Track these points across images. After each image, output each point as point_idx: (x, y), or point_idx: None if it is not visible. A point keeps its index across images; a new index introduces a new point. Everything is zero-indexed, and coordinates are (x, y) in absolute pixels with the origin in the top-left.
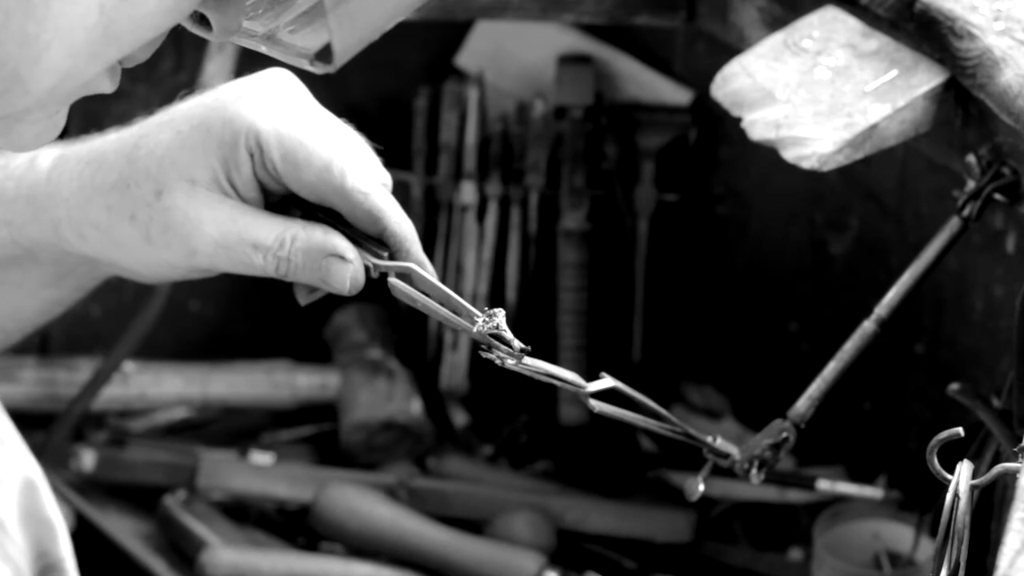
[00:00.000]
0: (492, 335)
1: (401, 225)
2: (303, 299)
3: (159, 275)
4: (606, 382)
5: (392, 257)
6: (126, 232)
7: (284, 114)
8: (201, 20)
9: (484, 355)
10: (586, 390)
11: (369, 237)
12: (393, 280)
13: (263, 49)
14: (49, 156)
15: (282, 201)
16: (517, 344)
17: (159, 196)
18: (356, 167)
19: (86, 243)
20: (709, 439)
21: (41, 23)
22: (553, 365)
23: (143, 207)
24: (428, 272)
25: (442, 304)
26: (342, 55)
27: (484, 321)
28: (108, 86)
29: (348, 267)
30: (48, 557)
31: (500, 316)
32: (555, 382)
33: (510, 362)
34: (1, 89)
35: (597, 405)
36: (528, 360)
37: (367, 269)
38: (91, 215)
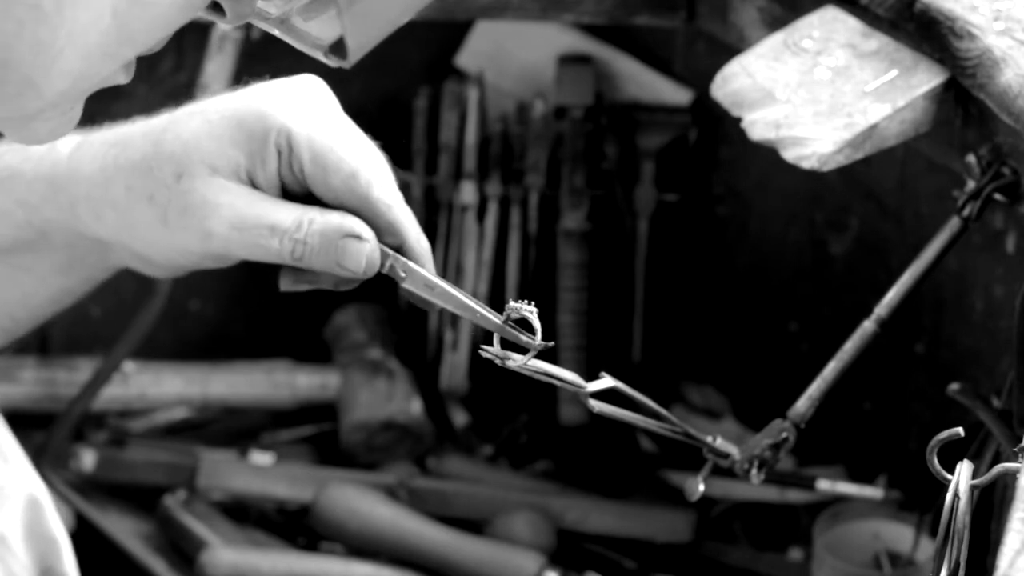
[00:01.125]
0: (517, 321)
1: (420, 241)
2: (286, 285)
3: (171, 261)
4: (606, 382)
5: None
6: (143, 214)
7: (317, 118)
8: (214, 6)
9: (484, 354)
10: (586, 390)
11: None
12: (405, 271)
13: (277, 32)
14: (70, 142)
15: (299, 201)
16: (539, 338)
17: (179, 179)
18: (382, 179)
19: (102, 224)
20: (709, 439)
21: (54, 30)
22: (552, 365)
23: (162, 188)
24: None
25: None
26: (356, 51)
27: (508, 314)
28: (123, 78)
29: (365, 246)
30: (52, 574)
31: (530, 306)
32: (555, 382)
33: (510, 363)
34: (14, 93)
35: (597, 405)
36: (528, 361)
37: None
38: (110, 194)
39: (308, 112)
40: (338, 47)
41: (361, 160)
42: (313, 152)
